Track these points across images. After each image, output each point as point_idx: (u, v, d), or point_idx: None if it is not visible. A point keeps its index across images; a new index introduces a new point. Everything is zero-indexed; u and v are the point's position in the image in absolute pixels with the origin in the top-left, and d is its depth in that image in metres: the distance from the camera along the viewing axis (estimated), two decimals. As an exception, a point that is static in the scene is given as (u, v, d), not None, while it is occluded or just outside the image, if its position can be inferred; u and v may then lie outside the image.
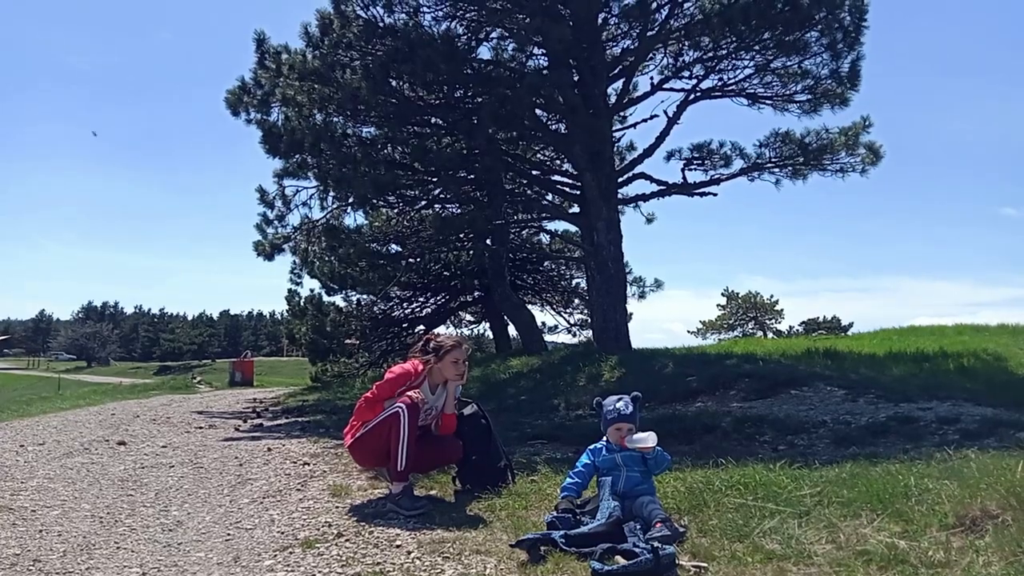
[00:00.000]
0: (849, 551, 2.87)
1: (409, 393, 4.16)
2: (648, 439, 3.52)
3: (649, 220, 15.90)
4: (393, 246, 17.65)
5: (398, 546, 3.40)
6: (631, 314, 14.49)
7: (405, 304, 20.69)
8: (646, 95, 12.47)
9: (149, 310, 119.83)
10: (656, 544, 2.90)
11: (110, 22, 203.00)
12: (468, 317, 22.55)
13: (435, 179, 12.88)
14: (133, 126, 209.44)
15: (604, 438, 3.71)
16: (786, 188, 12.96)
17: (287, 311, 21.16)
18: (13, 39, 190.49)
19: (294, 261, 16.59)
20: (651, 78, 12.26)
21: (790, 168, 12.09)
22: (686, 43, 11.52)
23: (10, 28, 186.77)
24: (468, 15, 11.54)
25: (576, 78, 11.49)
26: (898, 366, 9.66)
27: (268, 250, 14.91)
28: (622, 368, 9.57)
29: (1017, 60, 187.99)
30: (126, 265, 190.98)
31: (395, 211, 16.07)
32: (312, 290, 19.46)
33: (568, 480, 3.65)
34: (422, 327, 19.95)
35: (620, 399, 3.72)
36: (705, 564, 2.88)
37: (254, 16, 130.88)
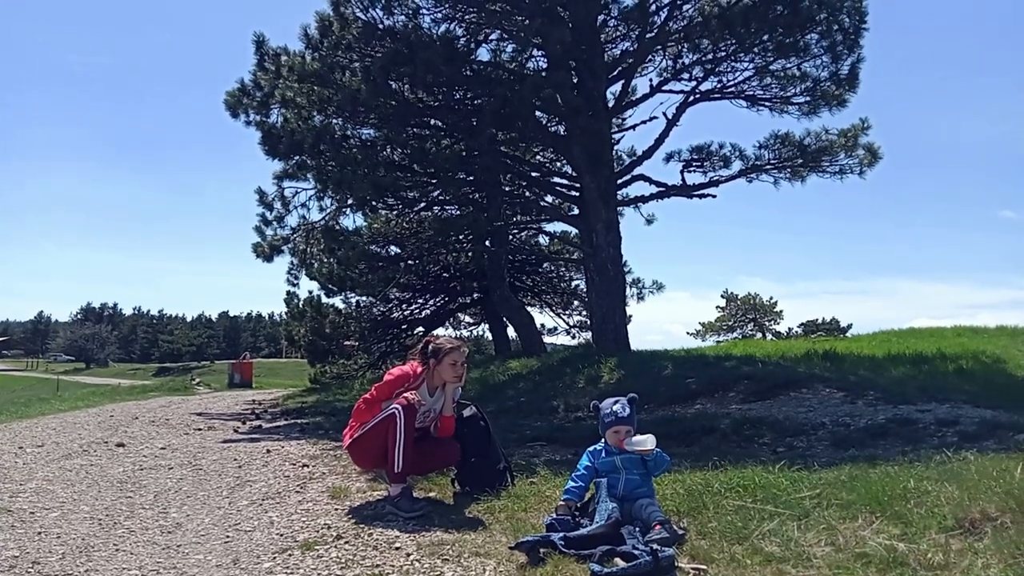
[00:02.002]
0: (848, 553, 2.87)
1: (406, 395, 4.16)
2: (647, 441, 3.52)
3: (649, 221, 15.93)
4: (392, 248, 17.67)
5: (397, 548, 3.40)
6: (630, 316, 14.56)
7: (404, 306, 20.69)
8: (645, 97, 12.50)
9: (148, 311, 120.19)
10: (655, 546, 2.90)
11: (110, 23, 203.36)
12: (467, 319, 22.57)
13: (434, 181, 12.88)
14: (133, 128, 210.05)
15: (603, 440, 3.71)
16: (785, 190, 13.02)
17: (286, 313, 21.19)
18: (12, 40, 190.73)
19: (292, 263, 16.57)
20: (650, 80, 12.32)
21: (789, 170, 12.13)
22: (685, 45, 11.55)
23: (9, 29, 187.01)
24: (467, 17, 11.55)
25: (575, 80, 11.49)
26: (897, 368, 9.64)
27: (267, 251, 14.90)
28: (621, 370, 9.56)
29: (1016, 62, 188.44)
30: (125, 267, 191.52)
31: (394, 213, 16.06)
32: (311, 292, 19.50)
33: (570, 483, 3.65)
34: (421, 329, 19.96)
35: (616, 401, 3.72)
36: (704, 566, 2.88)
37: (254, 18, 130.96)
